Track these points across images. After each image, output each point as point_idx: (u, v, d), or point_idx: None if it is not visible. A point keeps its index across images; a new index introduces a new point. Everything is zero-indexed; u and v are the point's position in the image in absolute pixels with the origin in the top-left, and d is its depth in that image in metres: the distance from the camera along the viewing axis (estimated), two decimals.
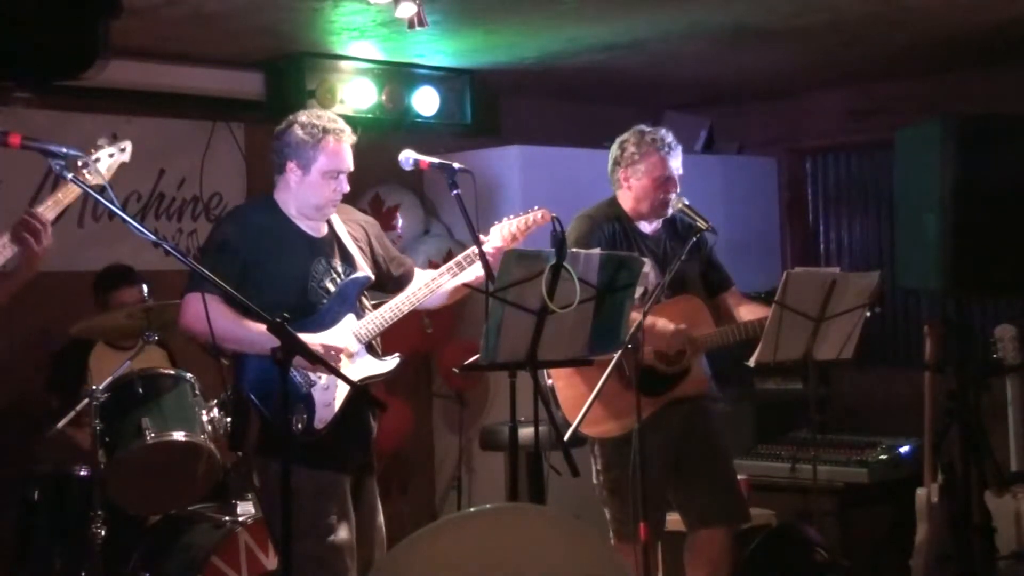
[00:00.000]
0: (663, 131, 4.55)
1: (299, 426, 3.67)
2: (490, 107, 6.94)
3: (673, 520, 4.68)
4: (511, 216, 4.02)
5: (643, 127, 4.58)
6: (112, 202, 3.15)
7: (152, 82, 5.75)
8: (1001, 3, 5.25)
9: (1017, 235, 4.78)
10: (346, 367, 3.74)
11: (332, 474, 3.75)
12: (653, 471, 4.13)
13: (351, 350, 3.80)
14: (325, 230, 3.94)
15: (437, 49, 5.93)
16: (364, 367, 3.84)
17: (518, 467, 3.81)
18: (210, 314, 3.52)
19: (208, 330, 3.55)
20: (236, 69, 5.96)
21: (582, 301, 3.52)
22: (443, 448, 6.88)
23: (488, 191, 6.10)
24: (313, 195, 3.85)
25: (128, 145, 3.86)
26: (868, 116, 7.16)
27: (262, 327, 3.52)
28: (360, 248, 3.99)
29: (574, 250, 3.60)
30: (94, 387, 4.59)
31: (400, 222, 6.50)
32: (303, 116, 3.88)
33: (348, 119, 5.96)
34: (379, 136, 6.28)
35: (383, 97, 6.19)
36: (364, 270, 3.93)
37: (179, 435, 4.59)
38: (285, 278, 3.77)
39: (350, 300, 3.86)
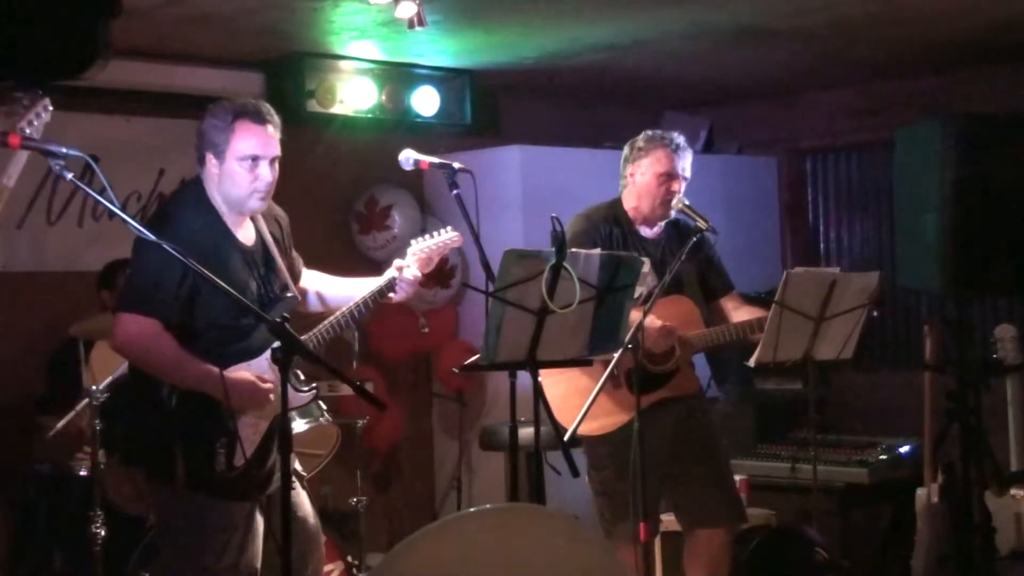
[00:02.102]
0: (675, 133, 4.55)
1: (221, 464, 3.39)
2: (490, 107, 6.94)
3: (672, 520, 4.69)
4: (426, 237, 3.88)
5: (656, 130, 4.59)
6: (112, 202, 3.14)
7: (152, 82, 5.76)
8: (1001, 3, 5.25)
9: (1017, 235, 4.78)
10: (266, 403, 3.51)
11: (246, 505, 3.48)
12: (647, 471, 4.12)
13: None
14: (253, 236, 3.61)
15: (437, 49, 5.93)
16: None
17: (518, 467, 3.81)
18: (151, 343, 3.34)
19: (147, 359, 3.38)
20: (236, 69, 5.96)
21: (582, 301, 3.52)
22: (443, 448, 6.88)
23: (488, 191, 6.09)
24: (233, 186, 3.49)
25: (47, 101, 3.52)
26: (868, 116, 7.16)
27: (207, 366, 3.34)
28: (279, 248, 3.70)
29: (574, 250, 3.60)
30: (94, 387, 4.59)
31: (397, 222, 6.50)
32: (216, 104, 3.54)
33: (348, 119, 6.08)
34: (379, 136, 6.29)
35: (383, 97, 6.19)
36: (287, 280, 3.66)
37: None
38: (222, 302, 3.39)
39: None
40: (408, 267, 3.81)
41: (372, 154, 6.19)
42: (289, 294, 3.64)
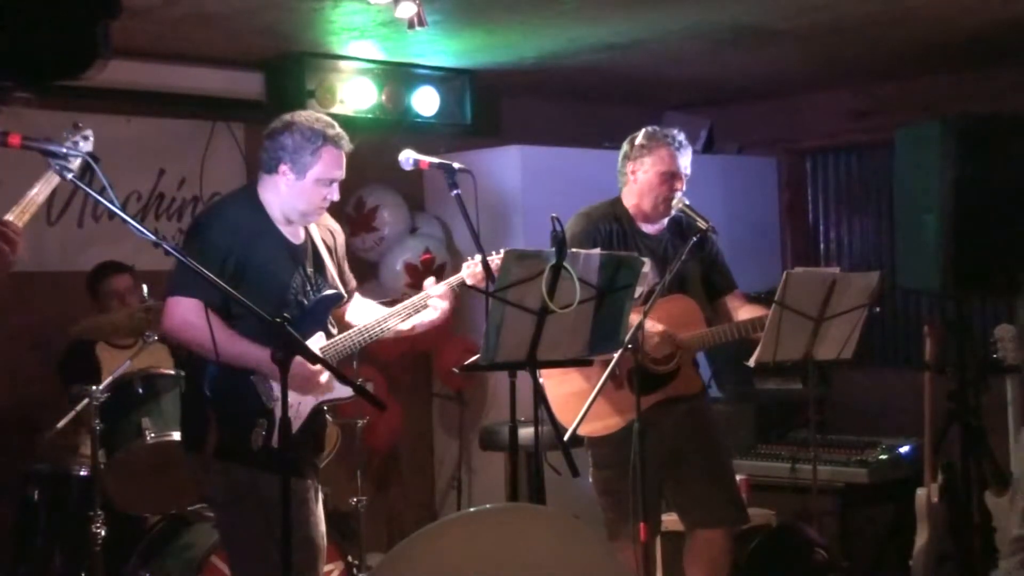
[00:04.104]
0: (676, 131, 4.55)
1: (259, 442, 3.53)
2: (490, 107, 6.94)
3: (672, 520, 4.69)
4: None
5: (656, 126, 4.59)
6: (112, 202, 3.14)
7: (152, 82, 5.75)
8: (1001, 3, 5.25)
9: (1017, 235, 4.79)
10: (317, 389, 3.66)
11: (304, 481, 3.65)
12: (648, 471, 4.13)
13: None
14: (303, 236, 3.80)
15: (437, 49, 5.93)
16: (327, 388, 3.69)
17: (518, 467, 3.81)
18: (196, 323, 3.44)
19: (196, 339, 3.49)
20: (236, 69, 5.96)
21: (582, 301, 3.52)
22: (443, 448, 6.88)
23: (488, 191, 6.10)
24: (303, 201, 3.71)
25: (90, 133, 3.72)
26: (868, 116, 7.16)
27: (254, 344, 3.48)
28: (330, 256, 3.89)
29: (574, 250, 3.59)
30: (94, 387, 4.60)
31: (385, 222, 6.48)
32: (302, 118, 3.73)
33: (348, 119, 6.06)
34: (378, 136, 6.29)
35: (383, 97, 6.18)
36: (336, 284, 3.84)
37: (179, 435, 4.59)
38: (267, 288, 3.61)
39: (321, 318, 3.74)
40: (433, 294, 3.89)
41: (371, 154, 6.18)
42: (332, 291, 3.79)
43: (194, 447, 3.70)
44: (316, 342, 3.70)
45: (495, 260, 3.86)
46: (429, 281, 3.95)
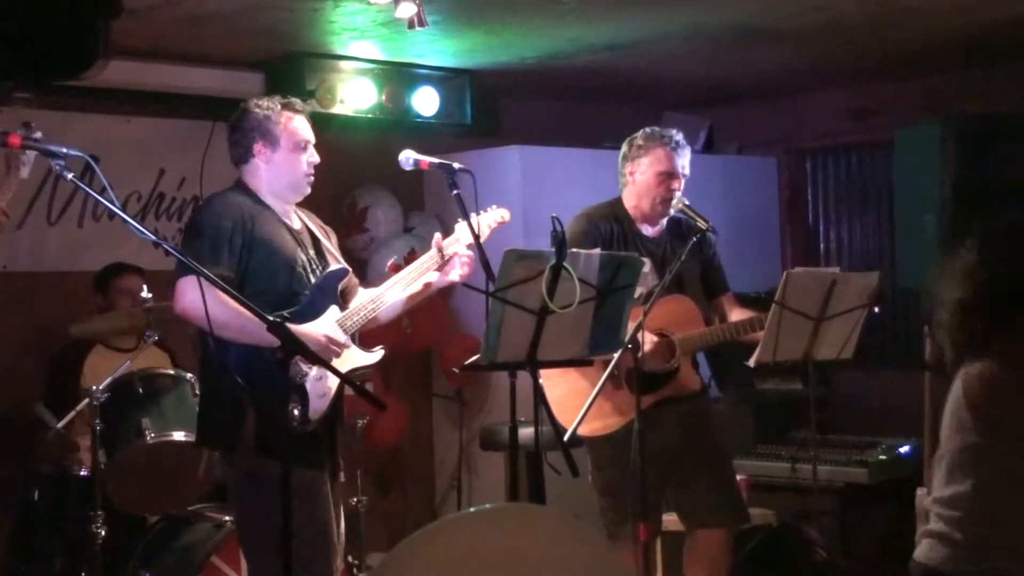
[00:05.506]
0: (674, 131, 4.55)
1: (295, 418, 3.55)
2: (490, 107, 6.94)
3: (672, 520, 4.69)
4: (477, 213, 3.98)
5: (654, 127, 4.59)
6: (112, 202, 3.14)
7: (152, 82, 5.75)
8: (1001, 3, 5.25)
9: None
10: (336, 358, 3.71)
11: (321, 474, 3.70)
12: (648, 471, 4.12)
13: (346, 343, 3.76)
14: (299, 223, 3.89)
15: (437, 49, 5.93)
16: (352, 358, 3.80)
17: (518, 467, 3.81)
18: (209, 301, 3.41)
19: (201, 315, 3.44)
20: (236, 69, 5.96)
21: (582, 301, 3.52)
22: (443, 448, 6.88)
23: (488, 191, 6.08)
24: (286, 172, 3.80)
25: (39, 134, 3.73)
26: (868, 116, 7.16)
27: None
28: (328, 243, 3.97)
29: (574, 250, 3.60)
30: (94, 387, 4.60)
31: (376, 223, 6.47)
32: (252, 100, 3.84)
33: (348, 119, 6.07)
34: (378, 136, 6.29)
35: (383, 97, 6.18)
36: (340, 262, 3.90)
37: (179, 435, 4.60)
38: (275, 265, 3.69)
39: (331, 292, 3.81)
40: (458, 240, 3.95)
41: (370, 155, 6.19)
42: (338, 266, 3.85)
43: (224, 439, 3.69)
44: (331, 316, 3.76)
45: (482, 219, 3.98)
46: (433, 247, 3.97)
